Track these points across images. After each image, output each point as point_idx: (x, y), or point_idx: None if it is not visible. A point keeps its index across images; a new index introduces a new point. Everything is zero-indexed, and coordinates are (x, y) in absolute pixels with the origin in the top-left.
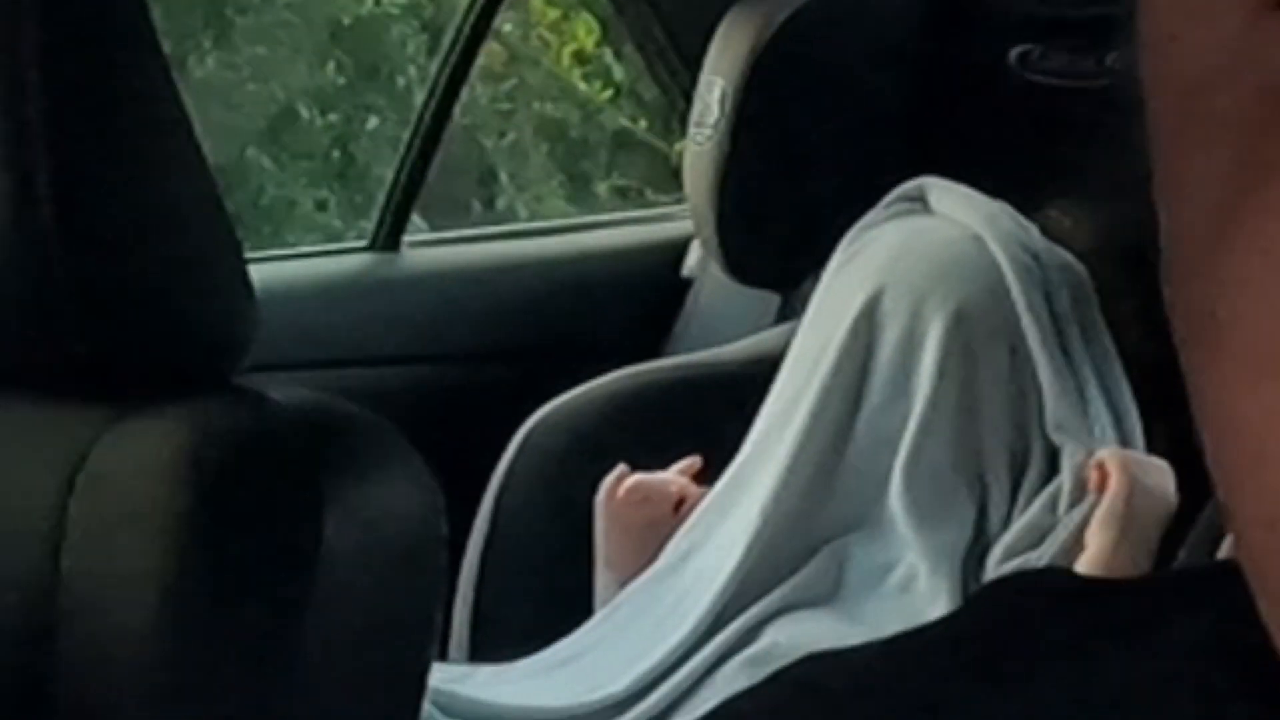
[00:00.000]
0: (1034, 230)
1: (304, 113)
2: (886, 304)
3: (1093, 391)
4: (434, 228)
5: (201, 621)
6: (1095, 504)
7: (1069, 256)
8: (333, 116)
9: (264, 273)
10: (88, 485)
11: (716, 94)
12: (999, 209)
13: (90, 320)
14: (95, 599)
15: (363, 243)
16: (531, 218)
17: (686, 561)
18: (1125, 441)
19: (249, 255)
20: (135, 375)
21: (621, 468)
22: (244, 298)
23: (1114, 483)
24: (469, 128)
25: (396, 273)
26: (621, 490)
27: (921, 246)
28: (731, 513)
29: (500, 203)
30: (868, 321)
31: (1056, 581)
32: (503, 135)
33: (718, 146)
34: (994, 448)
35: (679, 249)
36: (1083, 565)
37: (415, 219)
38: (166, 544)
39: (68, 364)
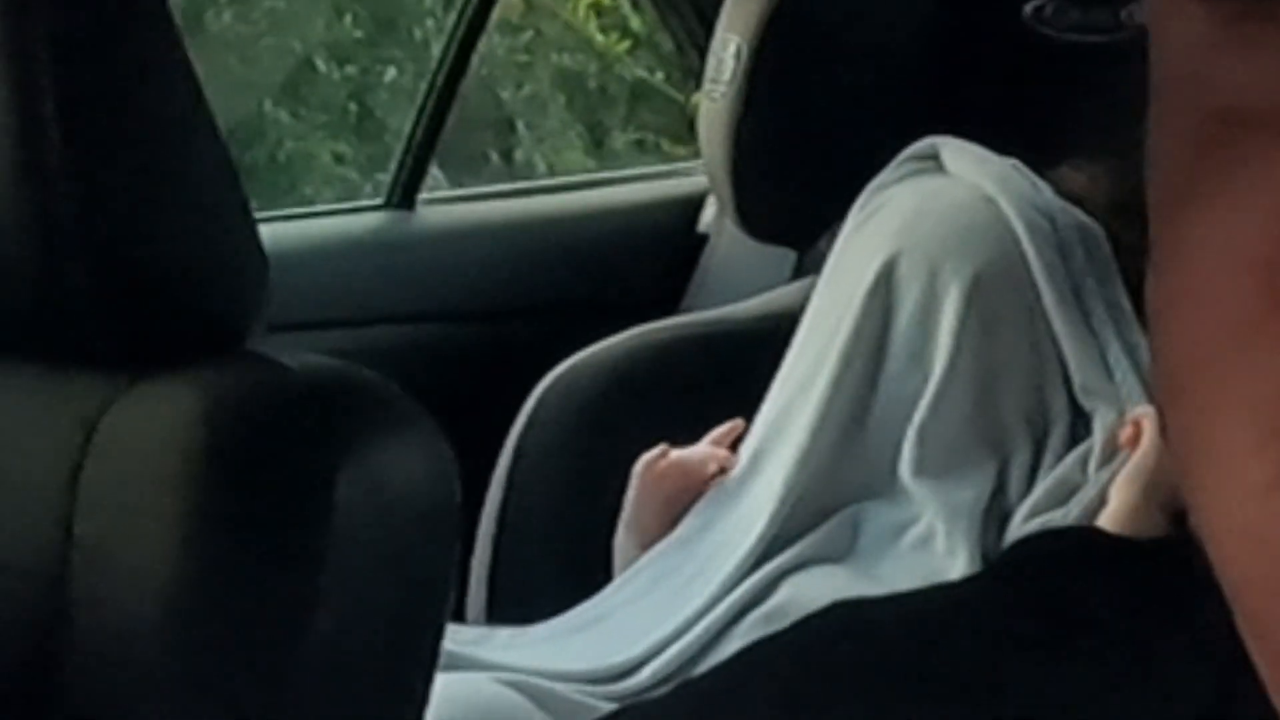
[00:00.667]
0: (1048, 189)
1: (321, 66)
2: (902, 270)
3: (1116, 353)
4: (452, 181)
5: (214, 587)
6: (1124, 462)
7: (1084, 216)
8: (350, 69)
9: (277, 232)
10: (100, 451)
11: (731, 50)
12: (1012, 168)
13: (101, 287)
14: (107, 564)
15: (378, 201)
16: (550, 169)
17: (707, 530)
18: (1152, 402)
19: (262, 215)
20: (147, 342)
21: (664, 445)
22: (256, 262)
23: (1145, 440)
24: (486, 80)
25: (412, 231)
26: (660, 466)
27: (936, 210)
28: (753, 482)
29: (518, 155)
30: (884, 288)
31: (1087, 541)
32: (520, 87)
33: (732, 103)
34: (1014, 411)
35: (695, 205)
36: (1104, 520)
37: (434, 172)
38: (179, 509)
39: (80, 331)
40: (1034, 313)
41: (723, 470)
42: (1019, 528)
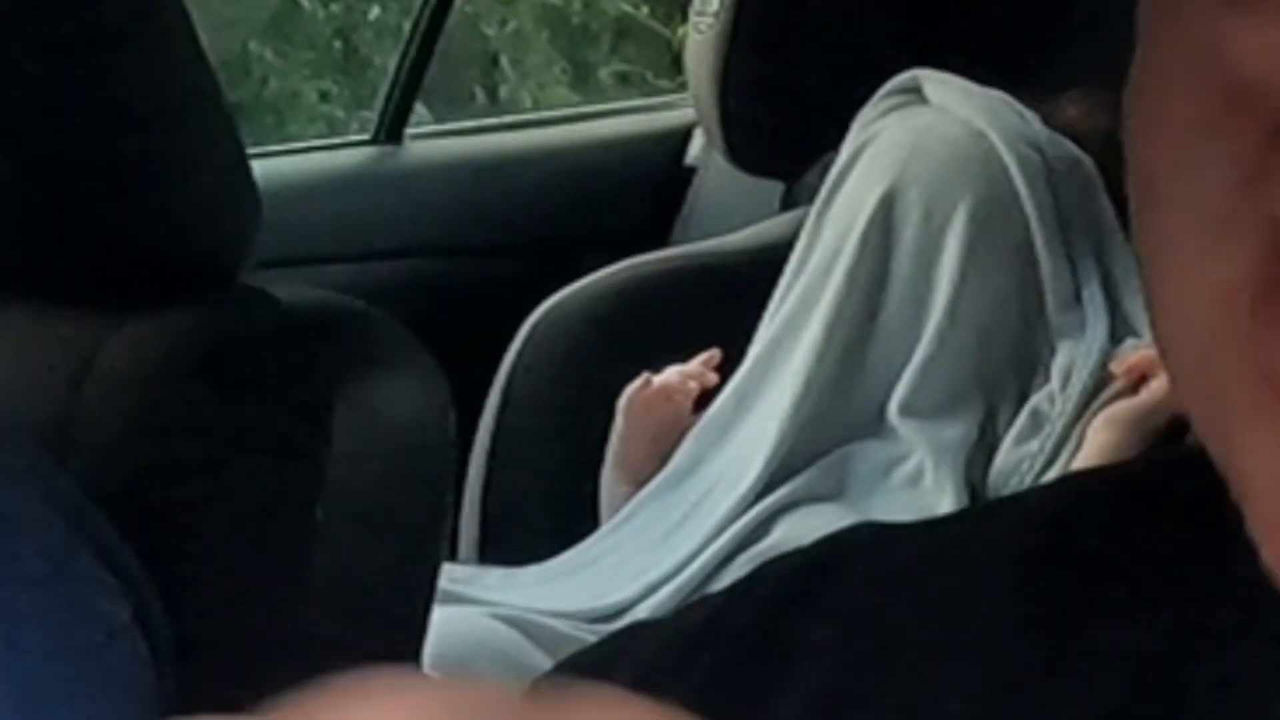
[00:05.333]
0: (1036, 120)
1: (305, 4)
2: (898, 208)
3: (1094, 289)
4: (438, 118)
5: (209, 521)
6: (1108, 399)
7: (1074, 149)
8: (334, 7)
9: (266, 168)
10: (94, 389)
11: None
12: (999, 100)
13: (90, 224)
14: (103, 503)
15: (365, 136)
16: (535, 106)
17: (698, 469)
18: (1116, 338)
19: (251, 152)
20: (139, 278)
21: (646, 374)
22: (247, 197)
23: (1151, 388)
24: (471, 16)
25: (399, 166)
26: (645, 395)
27: (928, 147)
28: (743, 422)
29: (503, 91)
30: (880, 227)
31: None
32: (504, 24)
33: (719, 35)
34: (1006, 348)
35: (682, 138)
36: (1081, 460)
37: (419, 109)
38: (172, 444)
39: (71, 269)
40: (1025, 248)
41: (705, 395)
42: (1003, 459)
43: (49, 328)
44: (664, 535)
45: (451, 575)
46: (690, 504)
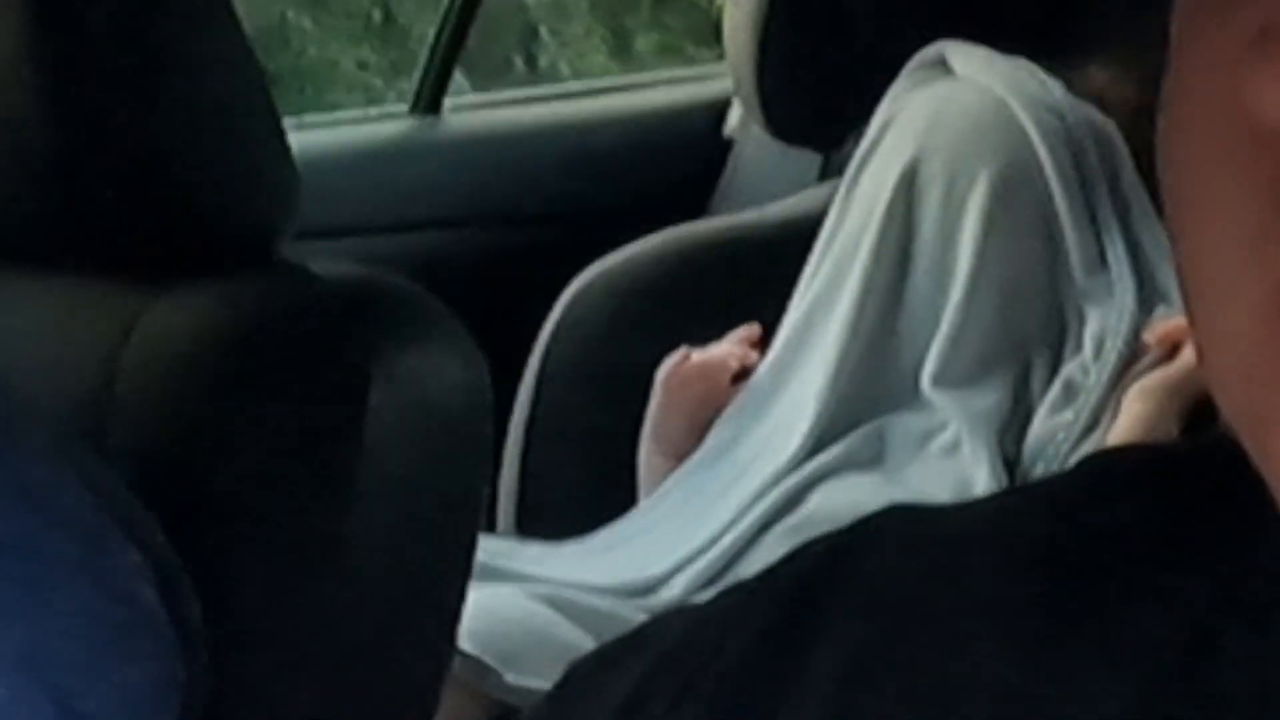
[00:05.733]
0: (1058, 86)
1: None
2: (921, 178)
3: (1118, 253)
4: (477, 87)
5: (247, 496)
6: (1143, 369)
7: (1097, 113)
8: None
9: (304, 140)
10: (132, 361)
11: None
12: (1021, 67)
13: (129, 196)
14: (138, 474)
15: (404, 107)
16: (574, 75)
17: (736, 445)
18: (1146, 306)
19: (290, 123)
20: (177, 251)
21: (685, 349)
22: (284, 170)
23: (1182, 357)
24: None
25: (438, 137)
26: (683, 371)
27: (949, 116)
28: (780, 394)
29: (542, 60)
30: (904, 197)
31: (1143, 458)
32: None
33: (756, 6)
34: (1034, 315)
35: (720, 108)
36: (1117, 431)
37: (458, 77)
38: (211, 419)
39: (109, 241)
40: (1048, 214)
41: (745, 370)
42: (1038, 429)
43: (87, 300)
44: (703, 509)
45: (489, 548)
46: (730, 478)
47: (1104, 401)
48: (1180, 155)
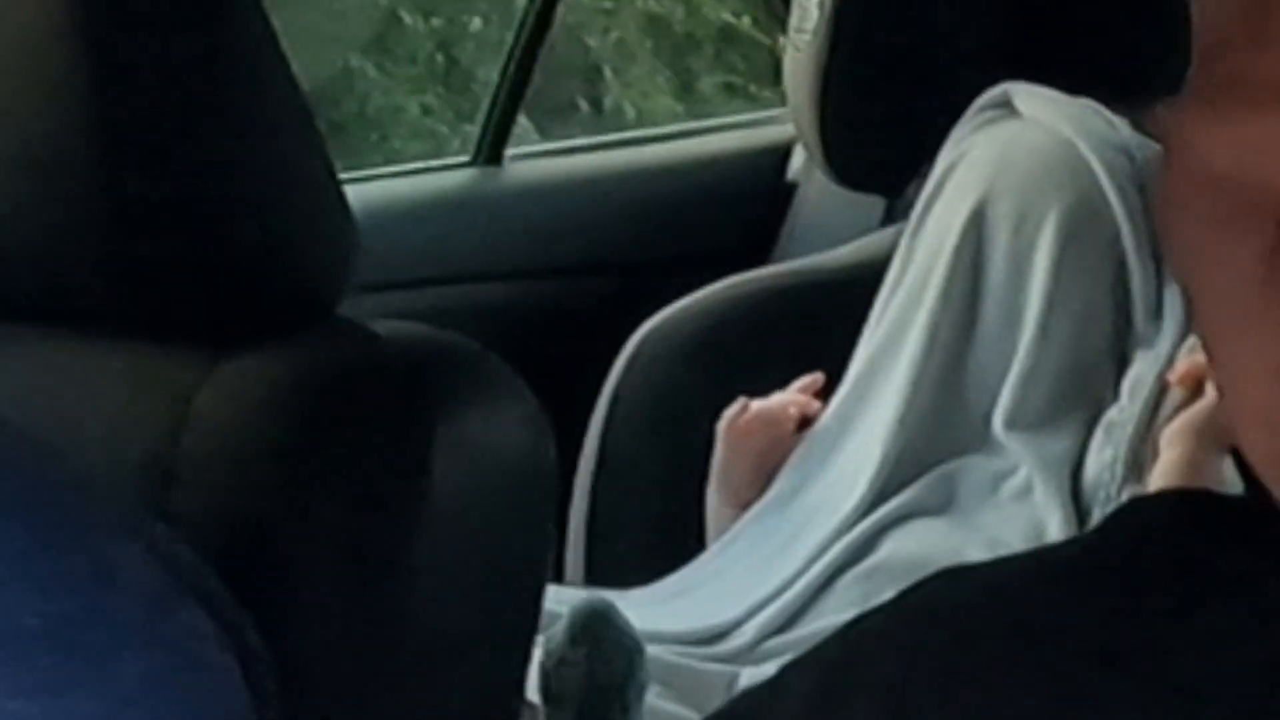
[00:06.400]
0: (1125, 126)
1: (407, 18)
2: (989, 220)
3: (1170, 296)
4: (541, 129)
5: (311, 559)
6: (1170, 412)
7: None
8: (436, 21)
9: (365, 192)
10: (195, 428)
11: None
12: (1086, 107)
13: (186, 261)
14: (204, 542)
15: (465, 158)
16: (638, 116)
17: (802, 491)
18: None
19: (349, 176)
20: (237, 315)
21: (743, 399)
22: (344, 229)
23: (1205, 397)
24: (574, 27)
25: (499, 187)
26: (743, 421)
27: (1016, 157)
28: (846, 441)
29: (607, 102)
30: (972, 240)
31: (1194, 505)
32: (607, 33)
33: (818, 50)
34: (1102, 356)
35: (783, 153)
36: (1159, 474)
37: (523, 121)
38: (274, 485)
39: (166, 307)
40: (1116, 253)
41: (805, 420)
42: (1090, 471)
43: (148, 366)
44: (771, 556)
45: (559, 598)
46: (797, 525)
47: (1139, 442)
48: (1171, 231)
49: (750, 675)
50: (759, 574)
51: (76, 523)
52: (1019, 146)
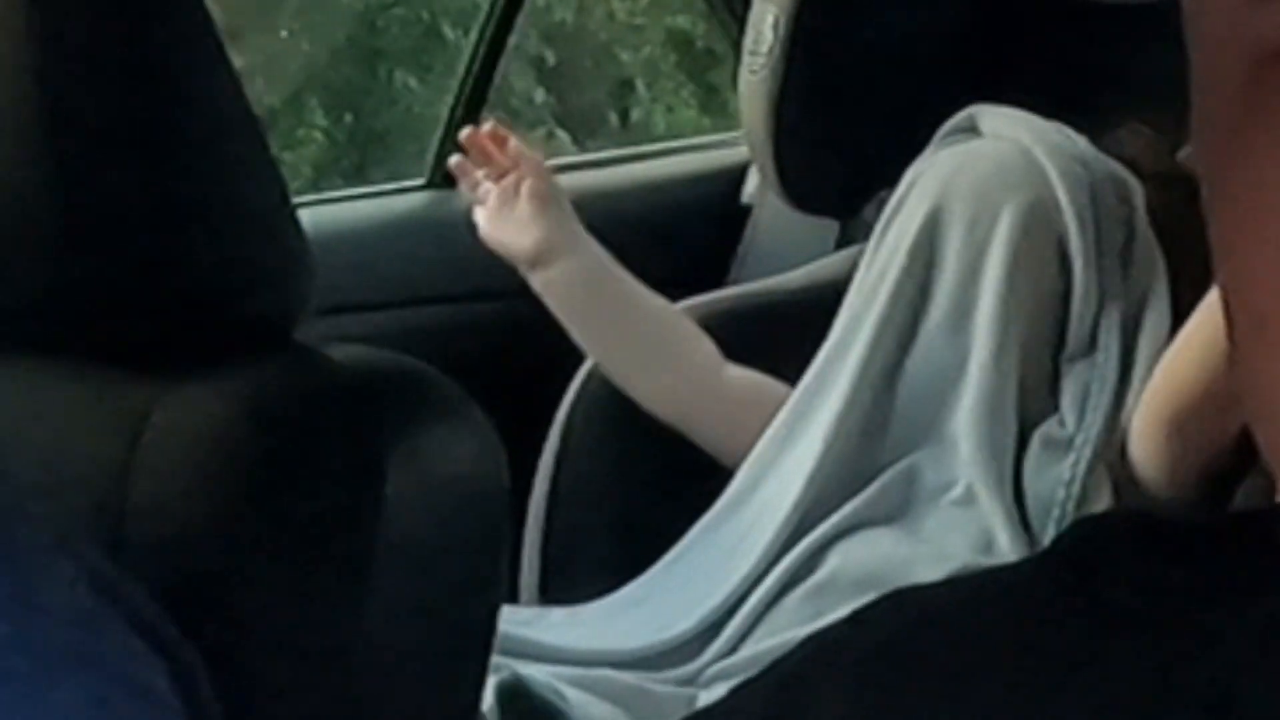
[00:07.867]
0: (1082, 140)
1: (448, 33)
2: (944, 223)
3: (1110, 309)
4: (575, 141)
5: (265, 582)
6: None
7: (1120, 168)
8: (474, 35)
9: (321, 216)
10: (149, 451)
11: (769, 21)
12: (1047, 124)
13: (142, 286)
14: (158, 563)
15: (420, 181)
16: (666, 129)
17: (751, 495)
18: (1126, 369)
19: (304, 200)
20: (192, 340)
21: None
22: (300, 255)
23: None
24: (605, 43)
25: (454, 209)
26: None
27: (972, 164)
28: (794, 444)
29: (635, 114)
30: (927, 243)
31: (1148, 522)
32: (638, 50)
33: (771, 75)
34: (1046, 356)
35: (737, 176)
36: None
37: (558, 134)
38: (229, 508)
39: (119, 329)
40: (1063, 259)
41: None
42: (1035, 484)
43: (104, 388)
44: (719, 561)
45: (513, 618)
46: (742, 530)
47: (1095, 459)
48: (1203, 126)
49: (707, 698)
50: (708, 581)
51: None
52: (976, 154)
